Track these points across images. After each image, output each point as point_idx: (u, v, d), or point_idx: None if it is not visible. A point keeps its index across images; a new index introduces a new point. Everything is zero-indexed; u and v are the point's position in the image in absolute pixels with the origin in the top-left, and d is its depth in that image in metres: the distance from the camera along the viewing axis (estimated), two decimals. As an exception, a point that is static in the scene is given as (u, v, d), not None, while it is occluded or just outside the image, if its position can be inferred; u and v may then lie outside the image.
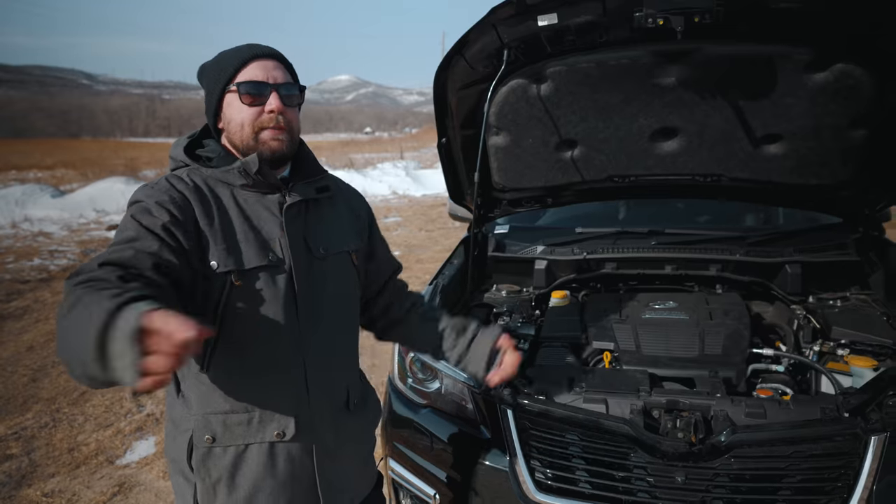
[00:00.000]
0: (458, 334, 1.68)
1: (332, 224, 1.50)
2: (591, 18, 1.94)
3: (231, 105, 1.36)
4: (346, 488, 1.52)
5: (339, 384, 1.48)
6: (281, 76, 1.37)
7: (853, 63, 1.97)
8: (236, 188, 1.37)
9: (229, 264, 1.29)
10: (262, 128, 1.34)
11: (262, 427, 1.36)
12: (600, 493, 1.75)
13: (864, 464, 1.61)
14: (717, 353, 2.14)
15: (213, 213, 1.31)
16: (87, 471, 3.55)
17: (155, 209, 1.24)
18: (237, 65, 1.34)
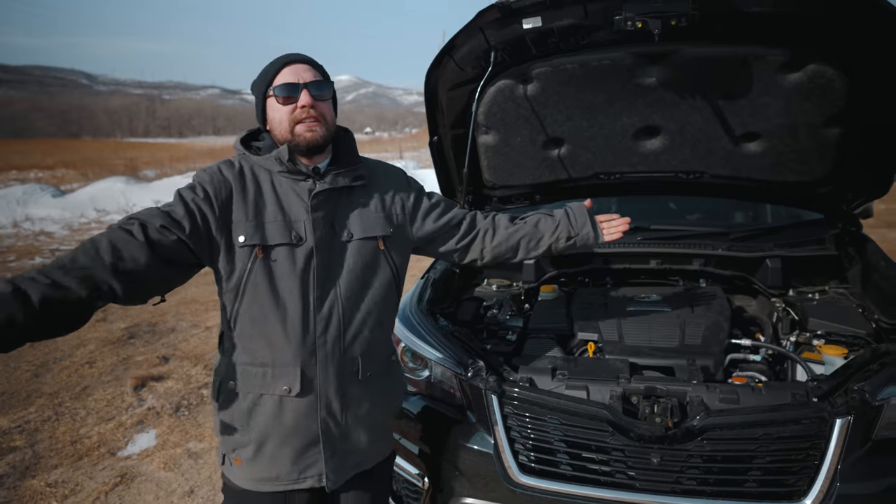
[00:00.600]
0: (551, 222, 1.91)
1: (362, 212, 1.66)
2: (574, 21, 2.03)
3: (272, 107, 1.59)
4: (352, 451, 1.67)
5: (351, 355, 1.62)
6: (310, 76, 1.57)
7: (825, 63, 2.05)
8: (274, 174, 1.59)
9: (255, 239, 1.52)
10: (297, 121, 1.55)
11: (274, 381, 1.56)
12: (581, 475, 1.83)
13: (829, 445, 1.69)
14: (696, 343, 2.22)
15: (250, 194, 1.55)
16: (90, 462, 3.63)
17: (196, 187, 1.52)
18: (272, 73, 1.57)
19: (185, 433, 3.93)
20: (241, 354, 1.58)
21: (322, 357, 1.57)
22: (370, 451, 1.72)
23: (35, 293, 1.26)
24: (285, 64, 1.57)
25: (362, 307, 1.63)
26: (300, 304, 1.54)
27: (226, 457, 1.67)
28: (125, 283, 1.40)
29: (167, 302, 6.74)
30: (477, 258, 1.92)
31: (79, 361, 5.15)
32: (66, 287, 1.31)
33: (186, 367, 4.98)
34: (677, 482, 1.75)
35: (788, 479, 1.71)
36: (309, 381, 1.57)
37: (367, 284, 1.64)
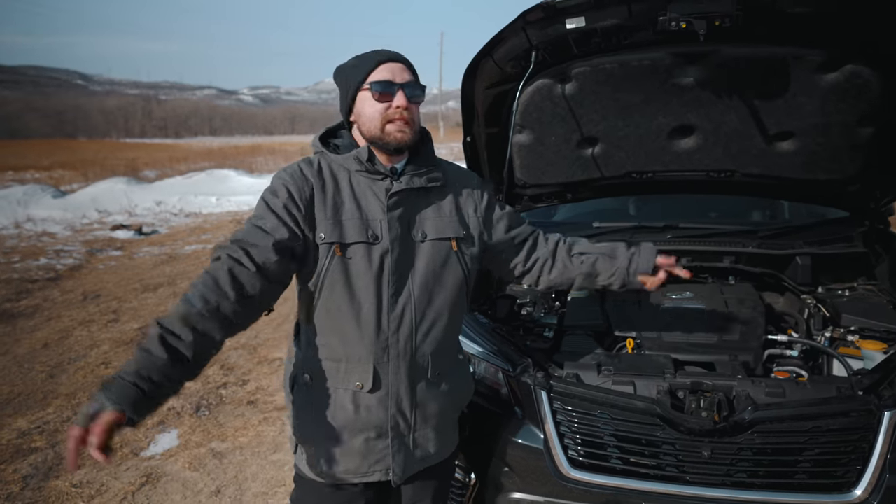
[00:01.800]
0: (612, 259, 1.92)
1: (437, 213, 1.69)
2: (618, 21, 2.05)
3: (363, 101, 1.59)
4: (419, 448, 1.71)
5: (422, 354, 1.65)
6: (407, 76, 1.60)
7: (862, 64, 2.09)
8: (353, 173, 1.63)
9: (333, 236, 1.56)
10: (389, 120, 1.57)
11: (347, 376, 1.62)
12: (631, 469, 1.86)
13: (878, 437, 1.73)
14: (734, 339, 2.25)
15: (329, 193, 1.59)
16: (113, 463, 3.64)
17: (280, 191, 1.56)
18: (370, 67, 1.57)
19: (208, 433, 3.94)
20: (317, 349, 1.64)
21: (394, 355, 1.61)
22: (437, 448, 1.75)
23: (188, 351, 1.40)
24: (384, 61, 1.58)
25: (434, 307, 1.66)
26: (374, 301, 1.58)
27: (298, 446, 1.74)
28: (248, 310, 1.51)
29: (179, 302, 6.78)
30: (532, 283, 1.97)
31: (94, 362, 5.15)
32: (210, 335, 1.44)
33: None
34: (728, 475, 1.78)
35: (837, 471, 1.75)
36: (380, 377, 1.61)
37: (440, 285, 1.67)
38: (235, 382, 4.71)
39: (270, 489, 3.32)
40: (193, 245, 10.15)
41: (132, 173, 18.89)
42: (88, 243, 10.19)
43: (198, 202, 14.45)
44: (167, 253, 9.54)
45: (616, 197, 3.18)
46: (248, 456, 3.65)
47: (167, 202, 14.37)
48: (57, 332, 5.90)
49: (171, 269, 8.46)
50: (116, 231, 11.12)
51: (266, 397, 4.43)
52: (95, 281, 7.88)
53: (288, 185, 1.57)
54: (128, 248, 10.01)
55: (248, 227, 1.55)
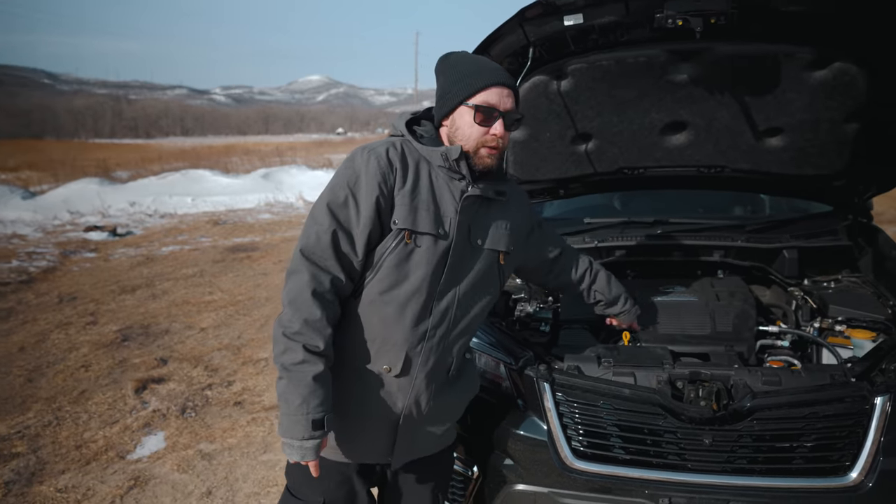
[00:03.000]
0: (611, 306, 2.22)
1: (496, 224, 1.75)
2: (615, 18, 2.09)
3: (463, 117, 1.63)
4: (422, 439, 1.76)
5: (450, 351, 1.71)
6: (510, 104, 1.63)
7: (850, 62, 2.15)
8: (433, 166, 1.66)
9: (407, 223, 1.59)
10: (483, 145, 1.62)
11: (378, 357, 1.64)
12: (634, 458, 1.89)
13: (871, 421, 1.78)
14: (728, 330, 2.30)
15: (409, 180, 1.61)
16: (99, 466, 3.58)
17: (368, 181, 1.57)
18: (479, 86, 1.60)
19: (195, 434, 3.89)
20: (355, 325, 1.64)
21: (428, 347, 1.65)
22: (438, 441, 1.82)
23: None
24: (495, 83, 1.60)
25: (471, 311, 1.73)
26: (426, 292, 1.62)
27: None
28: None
29: (159, 303, 6.68)
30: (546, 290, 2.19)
31: (73, 365, 5.06)
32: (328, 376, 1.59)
33: (186, 369, 4.92)
34: (728, 461, 1.82)
35: (833, 456, 1.80)
36: (409, 365, 1.64)
37: (481, 292, 1.74)
38: (221, 383, 4.66)
39: (262, 489, 3.30)
40: (170, 246, 10.00)
41: (104, 174, 18.51)
42: (61, 245, 9.98)
43: (173, 203, 14.23)
44: (143, 254, 9.39)
45: (607, 193, 3.22)
46: (238, 457, 3.62)
47: (141, 203, 14.13)
48: (33, 336, 5.77)
49: (149, 270, 8.33)
50: (90, 232, 10.90)
51: (253, 398, 4.39)
52: (70, 283, 7.72)
53: (375, 174, 1.57)
54: (102, 249, 9.83)
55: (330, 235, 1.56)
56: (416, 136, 1.68)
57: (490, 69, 1.63)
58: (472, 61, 1.66)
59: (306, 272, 1.54)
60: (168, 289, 7.33)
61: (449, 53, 1.71)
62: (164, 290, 7.30)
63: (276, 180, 16.71)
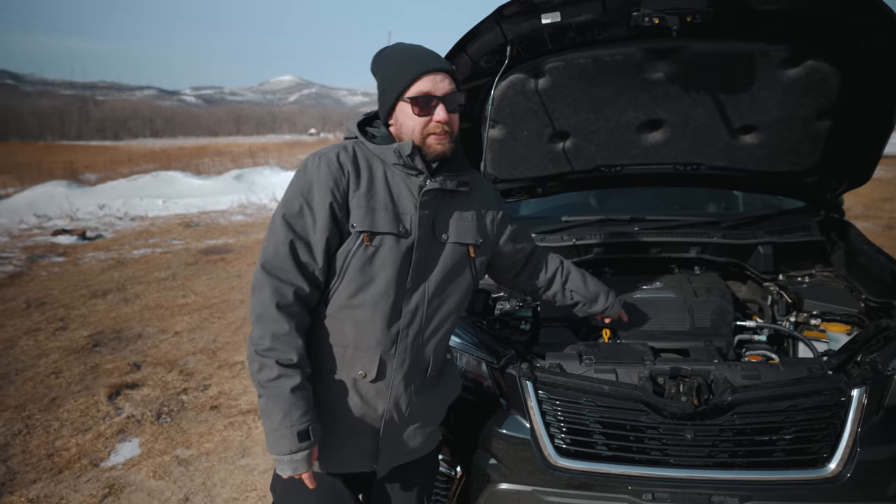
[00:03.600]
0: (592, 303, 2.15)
1: (460, 217, 1.72)
2: (592, 17, 2.09)
3: (403, 112, 1.60)
4: (406, 443, 1.74)
5: (426, 351, 1.68)
6: (447, 87, 1.59)
7: (822, 60, 2.19)
8: (388, 165, 1.63)
9: (365, 225, 1.57)
10: (430, 133, 1.59)
11: (352, 363, 1.61)
12: (617, 454, 1.90)
13: (848, 413, 1.82)
14: (706, 325, 2.33)
15: (363, 182, 1.59)
16: (72, 475, 3.49)
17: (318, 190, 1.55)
18: (410, 79, 1.57)
19: (171, 440, 3.82)
20: (327, 333, 1.62)
21: (402, 349, 1.62)
22: (422, 443, 1.79)
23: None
24: (425, 73, 1.57)
25: (443, 308, 1.69)
26: (394, 293, 1.59)
27: None
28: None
29: (132, 308, 6.55)
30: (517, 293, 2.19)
31: (43, 372, 4.93)
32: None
33: (161, 374, 4.83)
34: (710, 456, 1.84)
35: (812, 448, 1.83)
36: (384, 369, 1.62)
37: (452, 288, 1.70)
38: (196, 388, 4.58)
39: (241, 494, 3.25)
40: (142, 249, 9.81)
41: (71, 176, 18.12)
42: (28, 249, 9.72)
43: (143, 205, 13.98)
44: (114, 258, 9.20)
45: (584, 191, 3.23)
46: (215, 462, 3.56)
47: (111, 206, 13.84)
48: (0, 342, 5.61)
49: (120, 274, 8.17)
50: (58, 236, 10.64)
51: (230, 402, 4.33)
52: (39, 288, 7.53)
53: (326, 180, 1.55)
54: (71, 253, 9.60)
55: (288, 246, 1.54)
56: (368, 136, 1.66)
57: (418, 58, 1.60)
58: (402, 54, 1.63)
59: (269, 287, 1.52)
60: (140, 292, 7.19)
61: (381, 50, 1.68)
62: (137, 293, 7.16)
63: (248, 181, 16.53)
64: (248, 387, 4.54)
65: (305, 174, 1.58)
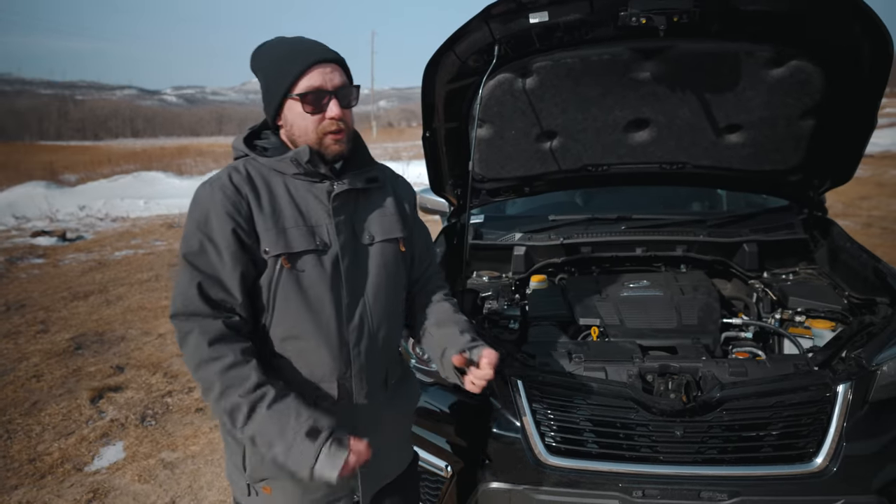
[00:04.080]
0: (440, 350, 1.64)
1: (381, 213, 1.58)
2: (580, 17, 2.10)
3: (292, 111, 1.44)
4: (383, 464, 1.62)
5: (380, 364, 1.56)
6: (339, 79, 1.44)
7: (806, 60, 2.22)
8: (288, 177, 1.47)
9: (279, 248, 1.40)
10: (325, 132, 1.44)
11: (311, 395, 1.46)
12: (607, 452, 1.91)
13: (834, 408, 1.84)
14: (693, 323, 2.35)
15: (265, 201, 1.43)
16: (55, 480, 3.44)
17: (216, 221, 1.38)
18: (297, 73, 1.41)
19: (156, 443, 3.78)
20: (276, 372, 1.45)
21: (357, 369, 1.51)
22: (398, 461, 1.70)
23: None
24: (313, 64, 1.41)
25: (388, 313, 1.57)
26: (334, 314, 1.46)
27: (251, 487, 1.54)
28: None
29: (114, 310, 6.47)
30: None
31: (23, 376, 4.85)
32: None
33: (145, 376, 4.77)
34: (699, 452, 1.86)
35: (799, 443, 1.85)
36: (345, 393, 1.50)
37: (390, 288, 1.58)
38: (181, 390, 4.54)
39: (228, 497, 3.22)
40: (124, 251, 9.70)
41: (51, 177, 17.85)
42: (7, 251, 9.57)
43: (125, 206, 13.81)
44: (95, 259, 9.08)
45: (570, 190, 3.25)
46: (202, 464, 3.53)
47: (91, 206, 13.65)
48: (-20, 346, 5.52)
49: (102, 275, 8.06)
50: (37, 238, 10.48)
51: (216, 404, 4.29)
52: (18, 290, 7.41)
53: (224, 206, 1.39)
54: (51, 255, 9.46)
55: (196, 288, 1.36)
56: (258, 150, 1.50)
57: (304, 49, 1.44)
58: (285, 46, 1.47)
59: (192, 332, 1.35)
60: (122, 294, 7.11)
61: (260, 45, 1.52)
62: (119, 295, 7.07)
63: (232, 182, 16.38)
64: (234, 388, 4.50)
65: (199, 206, 1.40)
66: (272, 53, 1.47)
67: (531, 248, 2.97)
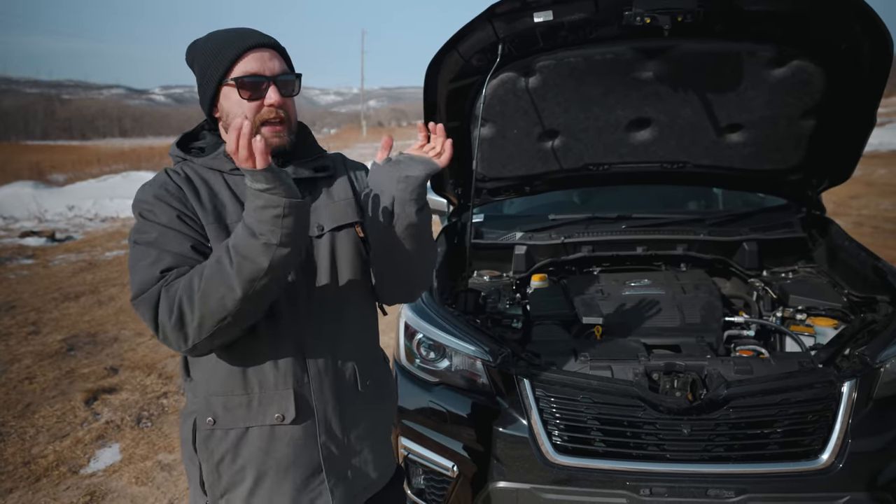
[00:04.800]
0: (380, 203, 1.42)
1: (329, 201, 1.47)
2: (584, 16, 2.10)
3: (229, 98, 1.35)
4: (360, 477, 1.49)
5: (345, 364, 1.45)
6: (278, 66, 1.36)
7: (808, 60, 2.23)
8: (226, 173, 1.40)
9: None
10: (263, 122, 1.34)
11: (263, 410, 1.36)
12: (614, 450, 1.91)
13: (839, 406, 1.86)
14: (696, 321, 2.36)
15: (206, 201, 1.35)
16: (50, 483, 3.40)
17: (159, 207, 1.31)
18: (232, 57, 1.33)
19: (153, 445, 3.74)
20: (218, 383, 1.37)
21: (315, 373, 1.39)
22: (377, 471, 1.54)
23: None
24: (249, 48, 1.33)
25: (348, 307, 1.46)
26: (285, 315, 1.36)
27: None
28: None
29: (106, 310, 6.41)
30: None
31: (15, 378, 4.79)
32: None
33: (139, 377, 4.73)
34: (706, 450, 1.86)
35: (805, 440, 1.87)
36: (304, 403, 1.38)
37: (348, 279, 1.46)
38: (177, 391, 4.50)
39: (227, 499, 3.20)
40: (115, 251, 9.61)
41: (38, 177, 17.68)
42: (-5, 252, 9.47)
43: (114, 206, 13.68)
44: (86, 260, 8.99)
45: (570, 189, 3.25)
46: (200, 466, 3.50)
47: (80, 207, 13.53)
48: (-29, 347, 5.45)
49: (93, 276, 7.99)
50: (26, 238, 10.37)
51: (212, 405, 4.26)
52: (7, 291, 7.32)
53: (167, 199, 1.32)
54: (41, 255, 9.36)
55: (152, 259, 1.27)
56: (194, 152, 1.43)
57: (239, 35, 1.36)
58: (219, 36, 1.38)
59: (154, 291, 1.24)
60: (114, 295, 7.04)
61: (196, 39, 1.44)
62: (111, 296, 7.01)
63: (223, 181, 16.30)
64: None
65: (143, 205, 1.33)
66: (207, 43, 1.39)
67: (532, 247, 2.97)
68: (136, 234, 1.32)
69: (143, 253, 1.29)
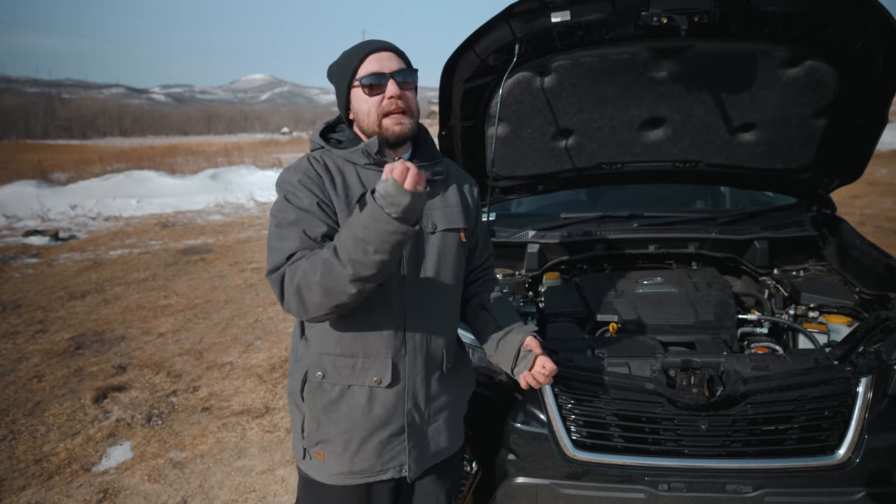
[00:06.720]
0: (494, 330, 1.74)
1: (444, 204, 1.68)
2: (601, 16, 2.12)
3: (357, 97, 1.58)
4: (433, 444, 1.70)
5: (437, 346, 1.65)
6: (395, 64, 1.56)
7: (821, 60, 2.25)
8: (360, 167, 1.60)
9: None
10: (386, 113, 1.55)
11: (364, 372, 1.58)
12: (632, 446, 1.93)
13: (856, 401, 1.88)
14: (710, 319, 2.38)
15: (339, 188, 1.55)
16: (63, 480, 3.42)
17: (302, 192, 1.52)
18: (356, 62, 1.56)
19: (164, 443, 3.76)
20: (330, 345, 1.59)
21: (412, 348, 1.60)
22: (448, 442, 1.75)
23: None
24: (369, 52, 1.55)
25: (446, 299, 1.68)
26: (393, 295, 1.57)
27: (307, 451, 1.67)
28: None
29: (112, 309, 6.44)
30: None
31: (24, 376, 4.81)
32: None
33: (148, 376, 4.76)
34: (723, 445, 1.88)
35: (822, 435, 1.88)
36: (398, 371, 1.60)
37: (449, 276, 1.67)
38: (186, 389, 4.52)
39: (240, 496, 3.22)
40: (119, 250, 9.63)
41: (40, 176, 17.68)
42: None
43: (117, 205, 13.71)
44: (90, 258, 9.01)
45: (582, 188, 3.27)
46: (211, 464, 3.52)
47: (83, 206, 13.55)
48: (-22, 346, 5.47)
49: (98, 275, 8.01)
50: (30, 237, 10.39)
51: (221, 403, 4.28)
52: (13, 290, 7.34)
53: (310, 185, 1.53)
54: (45, 254, 9.38)
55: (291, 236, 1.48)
56: (333, 143, 1.64)
57: (360, 45, 1.59)
58: (347, 50, 1.63)
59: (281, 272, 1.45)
60: (120, 294, 7.06)
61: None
62: (116, 295, 7.03)
63: (224, 181, 16.33)
64: (239, 388, 4.49)
65: (286, 184, 1.55)
66: (339, 58, 1.63)
67: (545, 245, 2.99)
68: (278, 213, 1.53)
69: (280, 234, 1.50)
